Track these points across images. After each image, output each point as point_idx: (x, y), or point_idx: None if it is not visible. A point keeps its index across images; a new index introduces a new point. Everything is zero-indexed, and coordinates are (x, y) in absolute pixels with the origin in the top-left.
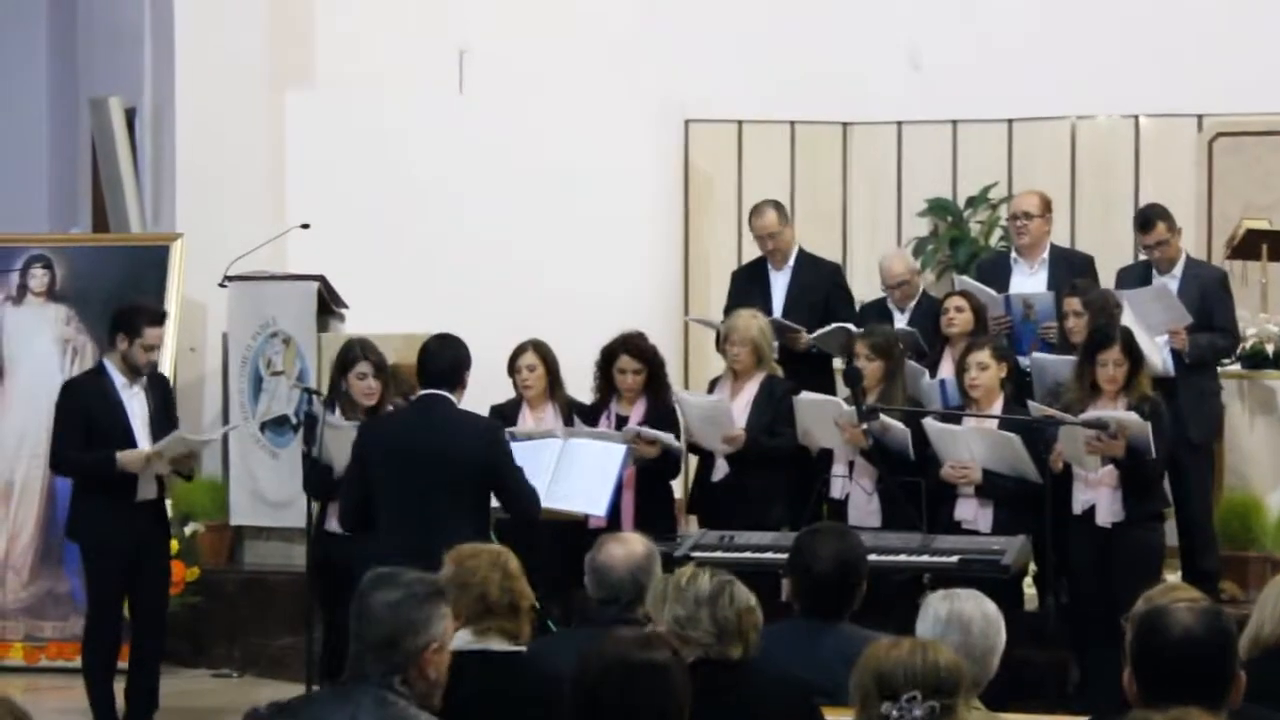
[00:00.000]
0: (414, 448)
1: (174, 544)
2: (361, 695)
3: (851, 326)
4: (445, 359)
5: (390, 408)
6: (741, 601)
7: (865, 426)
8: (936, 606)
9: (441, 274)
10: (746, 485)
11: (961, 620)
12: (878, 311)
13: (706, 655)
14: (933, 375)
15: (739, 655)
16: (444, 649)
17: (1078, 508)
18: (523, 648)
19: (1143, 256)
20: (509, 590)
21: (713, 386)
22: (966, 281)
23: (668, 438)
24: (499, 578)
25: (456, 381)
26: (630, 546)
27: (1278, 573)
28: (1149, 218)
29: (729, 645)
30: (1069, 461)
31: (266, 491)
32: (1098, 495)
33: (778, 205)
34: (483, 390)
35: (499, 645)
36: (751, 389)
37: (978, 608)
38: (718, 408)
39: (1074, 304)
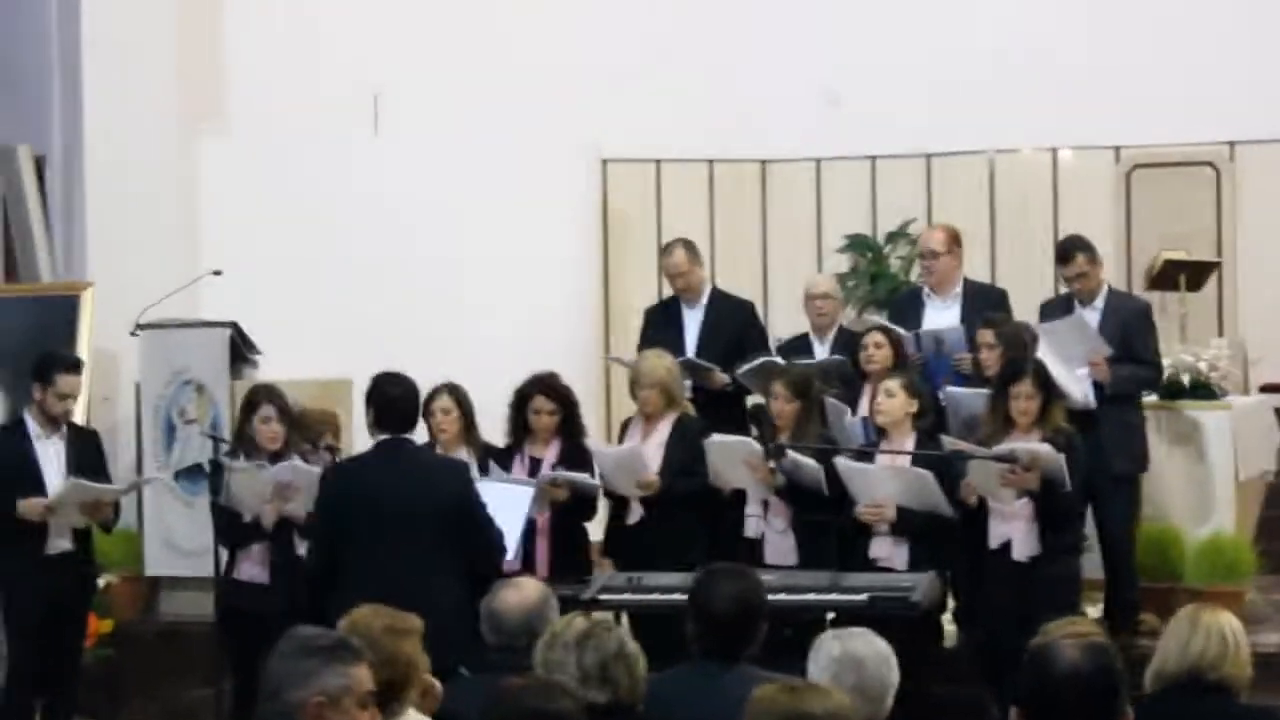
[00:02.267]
0: (383, 493)
1: None
2: None
3: (779, 360)
4: (399, 398)
5: (295, 454)
6: (610, 647)
7: (773, 465)
8: (828, 647)
9: (357, 318)
10: (662, 527)
11: (854, 660)
12: (798, 346)
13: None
14: (854, 412)
15: (604, 700)
16: (339, 705)
17: (994, 542)
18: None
19: (1064, 289)
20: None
21: (625, 429)
22: (875, 321)
23: (585, 478)
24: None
25: (412, 421)
26: (524, 592)
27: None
28: (1069, 250)
29: (593, 690)
30: (983, 495)
31: (181, 541)
32: (1013, 529)
33: (688, 244)
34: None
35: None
36: (664, 430)
37: (869, 646)
38: (630, 455)
39: (987, 336)
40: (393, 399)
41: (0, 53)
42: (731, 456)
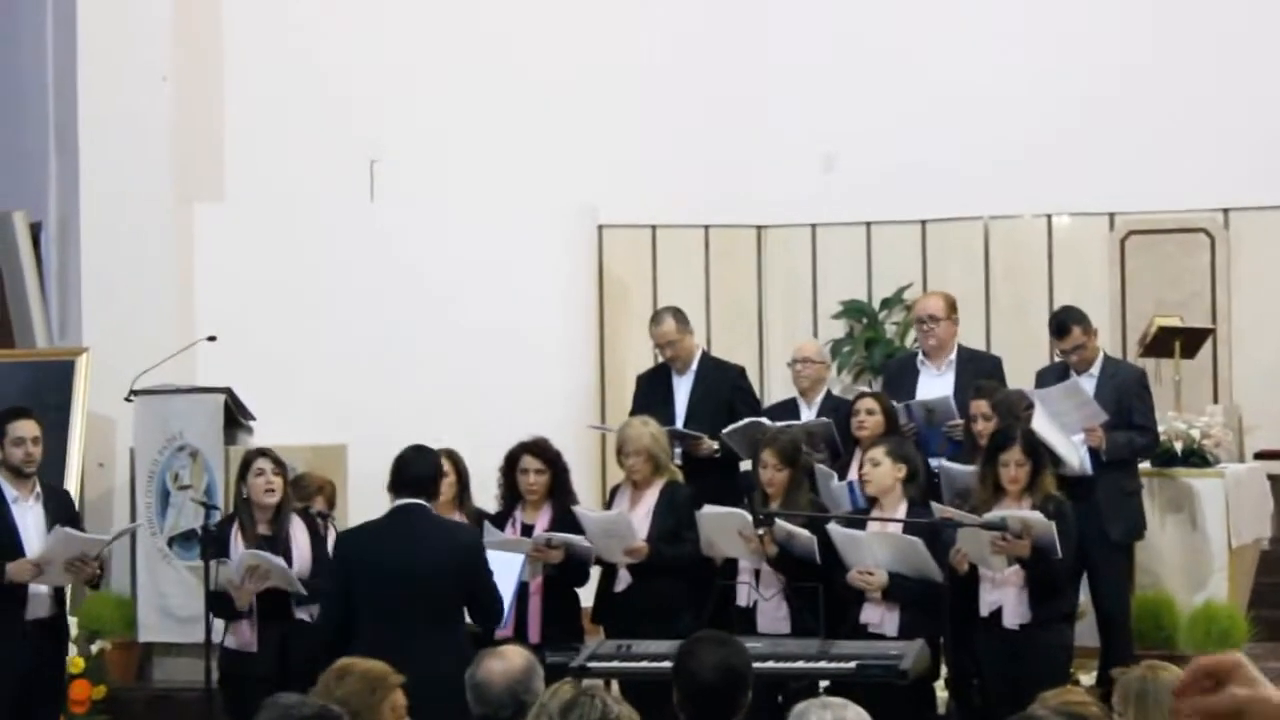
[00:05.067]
0: (396, 559)
1: (80, 662)
2: None
3: (765, 421)
4: (422, 468)
5: (292, 513)
6: (594, 714)
7: (762, 533)
8: (806, 716)
9: (351, 385)
10: (651, 595)
11: None
12: (786, 410)
13: None
14: (842, 478)
15: None
16: None
17: (985, 609)
18: None
19: (1059, 358)
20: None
21: (613, 495)
22: (866, 389)
23: (580, 540)
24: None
25: (433, 491)
26: (509, 661)
27: None
28: (1064, 323)
29: None
30: (974, 562)
31: (175, 607)
32: (1004, 596)
33: (676, 312)
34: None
35: None
36: (651, 497)
37: (853, 714)
38: (617, 521)
39: (981, 406)
40: (404, 463)
41: None
42: (724, 527)
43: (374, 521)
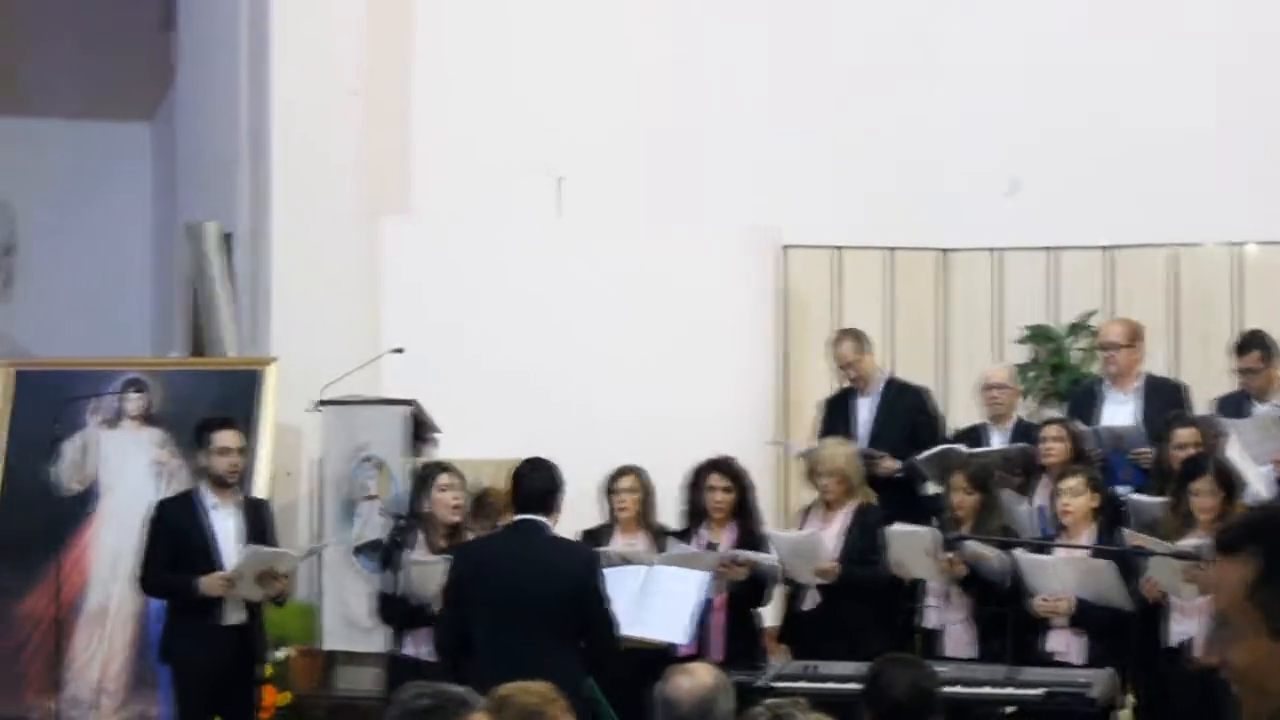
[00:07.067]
0: (509, 576)
1: (267, 669)
2: None
3: (960, 448)
4: (538, 483)
5: (470, 531)
6: None
7: (951, 555)
8: None
9: (535, 399)
10: (838, 615)
11: None
12: (974, 435)
13: None
14: (1030, 503)
15: None
16: None
17: (1174, 639)
18: None
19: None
20: None
21: (805, 515)
22: (1054, 414)
23: (766, 557)
24: None
25: (551, 506)
26: (698, 678)
27: None
28: (1248, 343)
29: None
30: (1165, 591)
31: (359, 616)
32: (1193, 627)
33: (856, 334)
34: (571, 514)
35: None
36: (844, 518)
37: None
38: (809, 541)
39: (1184, 435)
40: (519, 478)
41: (191, 131)
42: (913, 545)
43: (489, 536)
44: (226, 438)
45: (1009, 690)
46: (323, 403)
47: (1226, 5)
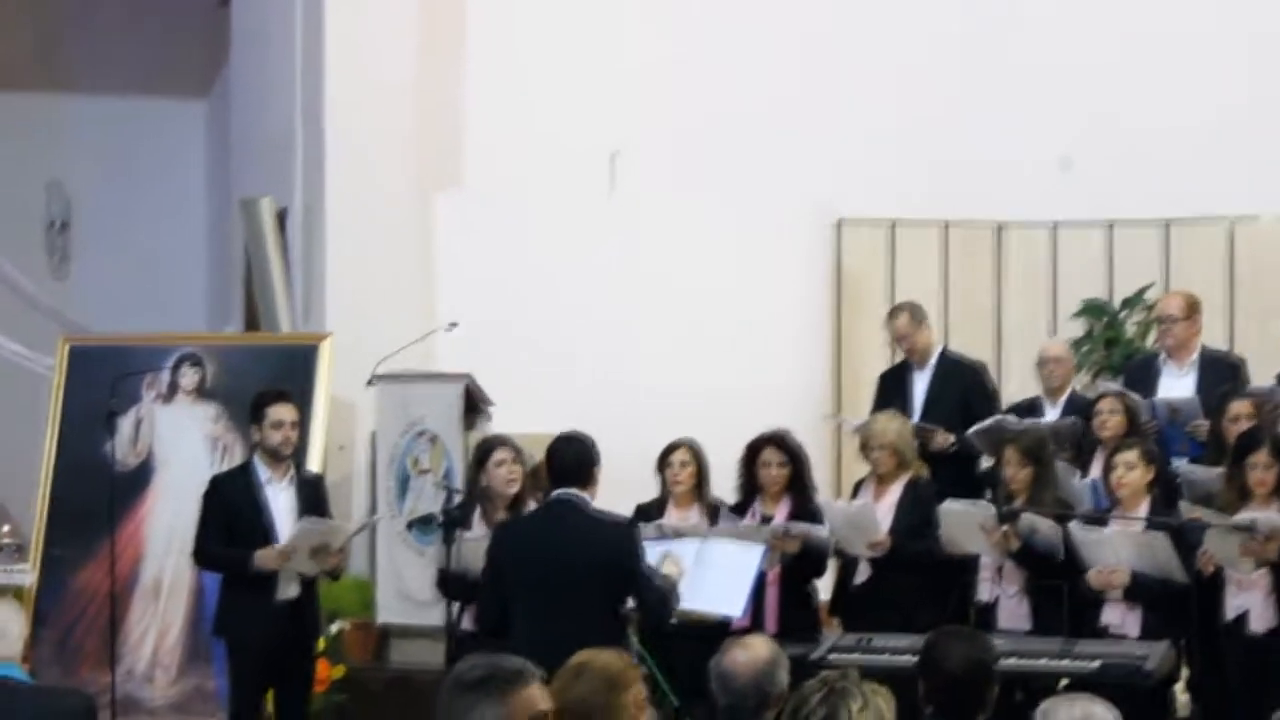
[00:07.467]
0: (546, 552)
1: (321, 642)
2: None
3: (1011, 418)
4: (572, 457)
5: (532, 503)
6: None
7: (1005, 529)
8: (1055, 712)
9: (588, 373)
10: (890, 589)
11: None
12: (1030, 408)
13: None
14: (1083, 475)
15: None
16: None
17: (1230, 613)
18: None
19: None
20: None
21: (857, 489)
22: (1109, 387)
23: (817, 529)
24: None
25: (587, 479)
26: (754, 651)
27: None
28: None
29: None
30: (1220, 564)
31: (413, 590)
32: (1250, 600)
33: (912, 308)
34: (626, 489)
35: None
36: (896, 492)
37: (1100, 710)
38: (862, 512)
39: (1238, 408)
40: (552, 453)
41: (246, 108)
42: (966, 521)
43: (529, 513)
44: (281, 411)
45: (1064, 663)
46: (377, 377)
47: None
